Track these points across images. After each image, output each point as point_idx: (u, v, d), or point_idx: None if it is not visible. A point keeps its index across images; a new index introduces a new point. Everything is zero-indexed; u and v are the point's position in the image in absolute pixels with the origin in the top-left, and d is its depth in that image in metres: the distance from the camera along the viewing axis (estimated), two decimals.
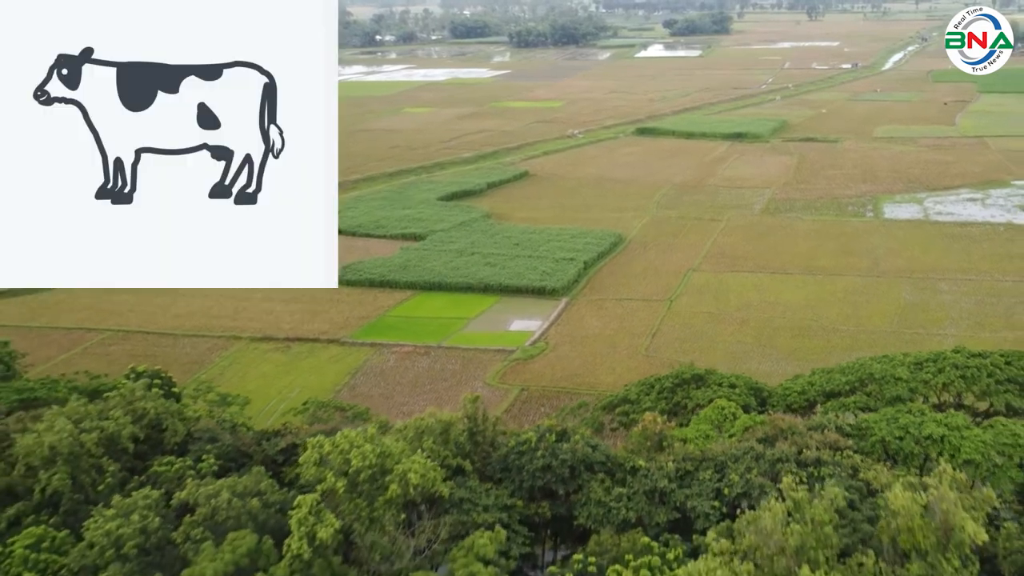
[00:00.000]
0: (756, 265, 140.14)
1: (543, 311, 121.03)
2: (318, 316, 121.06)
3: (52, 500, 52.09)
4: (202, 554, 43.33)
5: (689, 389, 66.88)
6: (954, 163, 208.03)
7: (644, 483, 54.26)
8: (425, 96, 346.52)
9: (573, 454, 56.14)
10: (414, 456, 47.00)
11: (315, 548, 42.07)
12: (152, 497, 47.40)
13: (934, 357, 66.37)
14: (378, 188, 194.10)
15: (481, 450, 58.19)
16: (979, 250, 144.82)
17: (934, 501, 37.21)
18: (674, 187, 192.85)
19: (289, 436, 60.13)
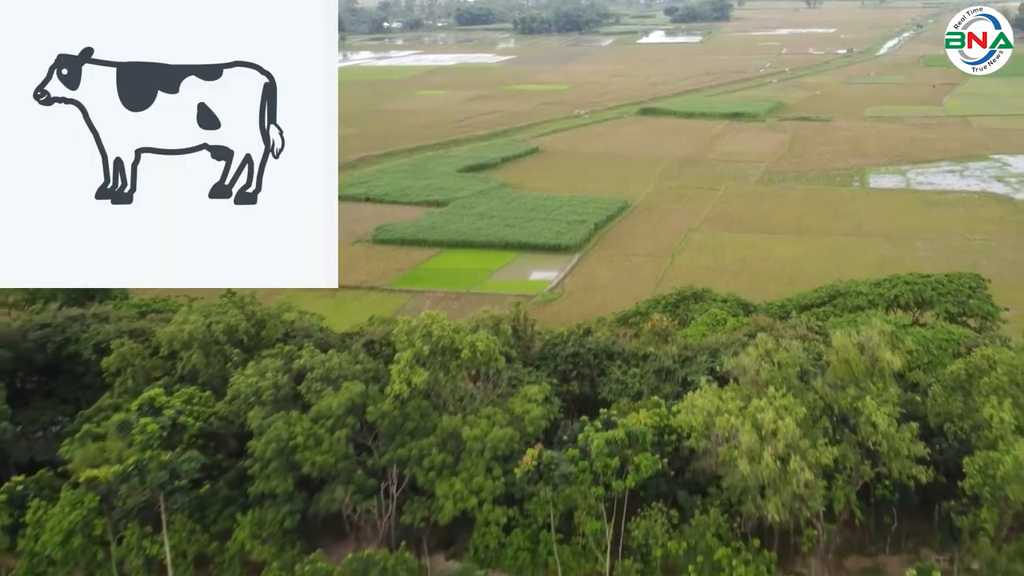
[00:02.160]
0: (750, 227, 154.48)
1: (559, 264, 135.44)
2: (357, 269, 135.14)
3: (191, 375, 66.59)
4: (324, 397, 57.95)
5: (689, 304, 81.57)
6: (938, 140, 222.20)
7: (653, 364, 68.85)
8: (436, 80, 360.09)
9: (596, 344, 70.85)
10: (479, 332, 61.45)
11: (411, 390, 56.56)
12: (278, 364, 61.93)
13: (890, 278, 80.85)
14: (399, 162, 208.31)
15: (523, 343, 72.80)
16: (953, 214, 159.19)
17: (864, 340, 51.79)
18: (675, 161, 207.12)
19: (366, 335, 74.61)
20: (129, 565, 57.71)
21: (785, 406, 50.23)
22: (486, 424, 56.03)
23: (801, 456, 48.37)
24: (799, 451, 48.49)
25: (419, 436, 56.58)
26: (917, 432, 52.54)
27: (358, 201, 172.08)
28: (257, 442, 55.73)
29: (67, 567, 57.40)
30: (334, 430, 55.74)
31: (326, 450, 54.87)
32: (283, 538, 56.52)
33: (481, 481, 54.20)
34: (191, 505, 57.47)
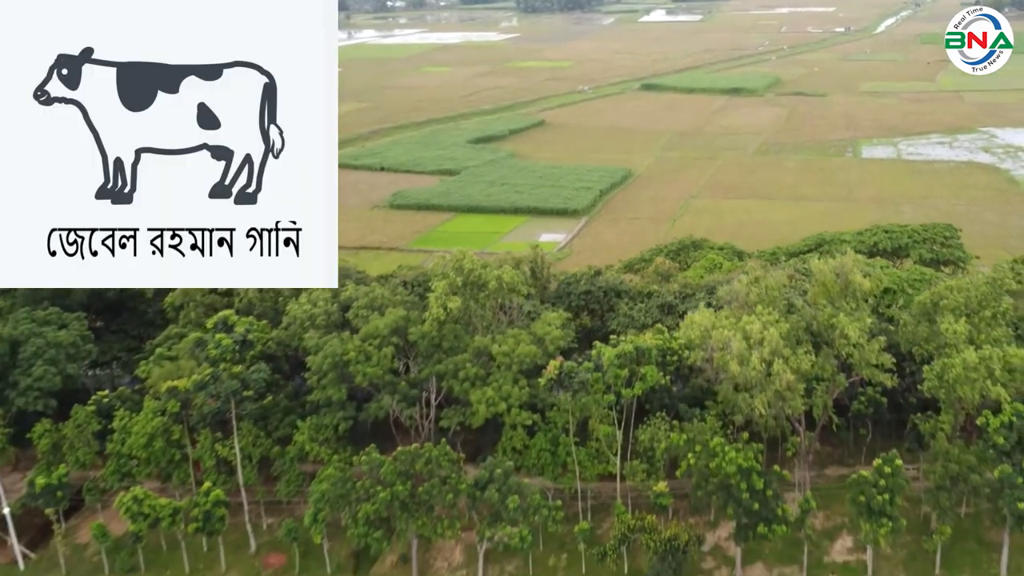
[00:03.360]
0: (747, 193, 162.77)
1: (566, 227, 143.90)
2: (377, 231, 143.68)
3: (247, 308, 75.09)
4: (371, 321, 66.56)
5: (689, 251, 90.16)
6: (929, 113, 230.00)
7: (657, 300, 77.43)
8: (441, 57, 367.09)
9: (606, 283, 79.44)
10: (504, 267, 69.95)
11: (447, 314, 65.13)
12: (327, 295, 70.49)
13: (871, 228, 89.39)
14: (411, 134, 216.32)
15: (540, 283, 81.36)
16: (940, 182, 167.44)
17: (839, 266, 60.35)
18: (676, 134, 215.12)
19: (400, 276, 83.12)
20: (203, 465, 66.52)
21: (771, 321, 58.83)
22: (513, 342, 64.67)
23: (783, 361, 56.99)
24: (782, 357, 57.10)
25: (454, 353, 65.23)
26: (884, 345, 61.09)
27: (374, 171, 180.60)
28: (315, 358, 64.31)
29: (149, 467, 66.33)
30: (381, 347, 64.39)
31: (375, 364, 63.52)
32: (337, 442, 65.26)
33: (509, 389, 62.90)
34: (256, 414, 66.27)
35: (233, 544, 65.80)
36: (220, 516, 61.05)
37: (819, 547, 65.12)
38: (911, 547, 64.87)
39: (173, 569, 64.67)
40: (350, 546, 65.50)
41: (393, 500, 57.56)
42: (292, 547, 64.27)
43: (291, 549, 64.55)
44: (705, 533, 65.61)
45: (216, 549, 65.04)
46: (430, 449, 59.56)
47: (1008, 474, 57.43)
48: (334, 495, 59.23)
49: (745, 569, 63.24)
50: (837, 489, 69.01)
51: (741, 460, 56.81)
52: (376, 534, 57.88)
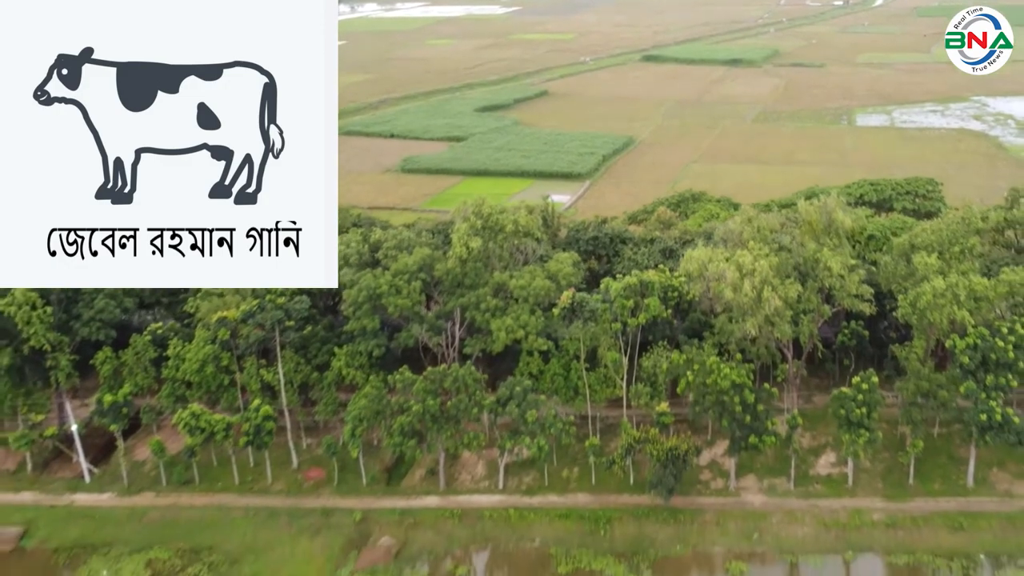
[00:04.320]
0: (745, 159, 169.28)
1: (571, 189, 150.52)
2: (388, 194, 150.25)
3: None
4: (400, 258, 73.42)
5: (688, 203, 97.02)
6: (924, 83, 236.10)
7: (659, 245, 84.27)
8: (445, 30, 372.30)
9: (612, 230, 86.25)
10: (519, 212, 76.74)
11: (469, 253, 71.96)
12: (358, 237, 77.29)
13: (858, 181, 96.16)
14: (418, 104, 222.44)
15: (551, 231, 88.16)
16: (931, 147, 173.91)
17: (823, 205, 67.20)
18: (677, 103, 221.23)
19: (421, 224, 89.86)
20: (249, 389, 73.58)
21: (762, 255, 65.74)
22: (529, 277, 71.62)
23: (772, 289, 63.94)
24: (771, 285, 64.05)
25: (475, 288, 72.16)
26: (863, 278, 68.04)
27: (383, 138, 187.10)
28: (350, 291, 71.20)
29: (200, 390, 73.32)
30: (410, 281, 71.28)
31: (405, 296, 70.45)
32: (370, 368, 72.30)
33: (527, 318, 69.91)
34: (297, 343, 73.27)
35: (277, 460, 72.98)
36: (268, 430, 68.16)
37: (805, 462, 72.32)
38: (888, 462, 72.10)
39: (224, 481, 71.90)
40: (383, 462, 72.85)
41: (425, 413, 64.74)
42: (331, 462, 71.49)
43: (330, 464, 71.76)
44: (703, 449, 72.80)
45: (262, 464, 72.27)
46: (456, 369, 66.66)
47: (972, 390, 64.50)
48: (371, 411, 66.33)
49: (738, 480, 70.45)
50: (822, 414, 76.12)
51: (735, 376, 63.85)
52: (410, 443, 65.13)
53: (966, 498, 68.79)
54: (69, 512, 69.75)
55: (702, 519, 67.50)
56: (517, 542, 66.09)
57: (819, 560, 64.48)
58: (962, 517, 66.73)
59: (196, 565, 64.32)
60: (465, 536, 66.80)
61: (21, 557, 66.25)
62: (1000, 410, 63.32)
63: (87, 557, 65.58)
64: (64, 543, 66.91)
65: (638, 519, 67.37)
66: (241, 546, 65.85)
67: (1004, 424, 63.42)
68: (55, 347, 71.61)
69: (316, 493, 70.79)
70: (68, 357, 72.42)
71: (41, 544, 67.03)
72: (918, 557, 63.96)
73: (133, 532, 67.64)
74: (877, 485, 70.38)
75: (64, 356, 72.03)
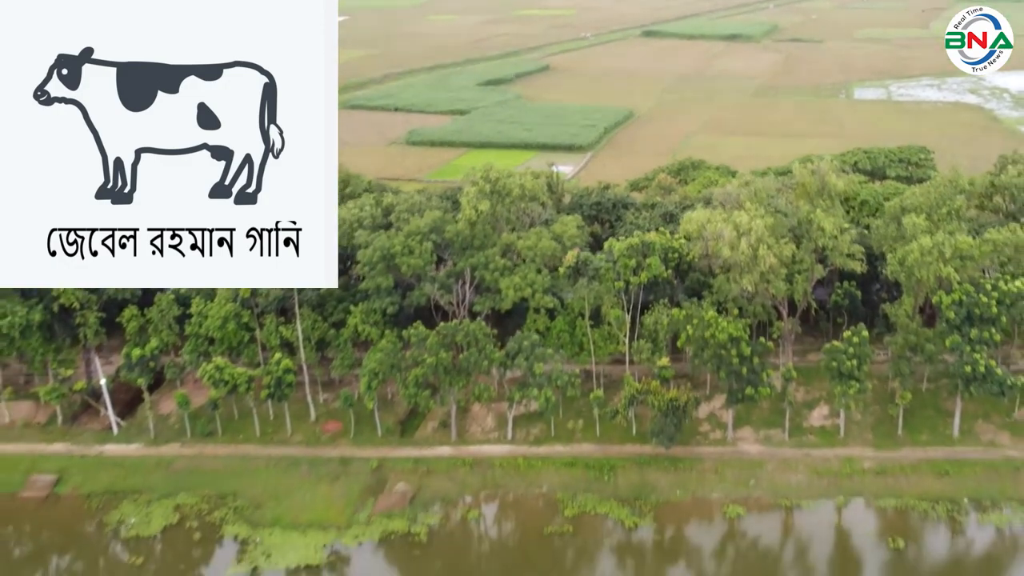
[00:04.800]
0: (744, 131, 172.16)
1: (574, 160, 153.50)
2: (395, 164, 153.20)
3: None
4: (412, 221, 76.69)
5: (688, 171, 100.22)
6: (921, 58, 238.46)
7: (659, 210, 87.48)
8: (446, 5, 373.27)
9: (615, 196, 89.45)
10: (525, 177, 79.91)
11: (478, 215, 75.24)
12: (371, 201, 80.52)
13: (852, 150, 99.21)
14: (422, 78, 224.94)
15: (555, 196, 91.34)
16: (927, 120, 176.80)
17: (816, 168, 70.47)
18: (677, 77, 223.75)
19: (430, 191, 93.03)
20: (268, 345, 77.02)
21: (758, 215, 69.07)
22: (535, 238, 74.96)
23: (768, 247, 67.31)
24: (766, 244, 67.40)
25: (484, 249, 75.47)
26: (855, 238, 71.39)
27: (388, 111, 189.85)
28: (365, 251, 74.48)
29: (222, 346, 76.73)
30: (422, 242, 74.56)
31: (417, 256, 73.76)
32: (385, 325, 75.72)
33: (534, 277, 73.30)
34: (314, 301, 76.61)
35: (295, 414, 76.57)
36: (288, 383, 71.70)
37: (799, 414, 75.95)
38: (878, 415, 75.76)
39: (245, 433, 75.54)
40: (397, 415, 76.47)
41: (438, 366, 68.24)
42: (347, 414, 75.10)
43: (346, 416, 75.37)
44: (701, 403, 76.38)
45: (282, 417, 75.87)
46: (468, 324, 70.12)
47: (957, 343, 68.04)
48: (387, 364, 69.84)
49: (735, 431, 74.08)
50: (816, 370, 79.63)
51: (732, 330, 67.32)
52: (424, 394, 68.69)
53: (952, 447, 72.51)
54: (99, 461, 73.39)
55: (701, 467, 71.19)
56: (526, 488, 69.77)
57: (812, 504, 68.22)
58: (947, 464, 70.46)
59: (222, 509, 67.96)
60: (476, 483, 70.48)
61: (56, 502, 69.93)
62: (984, 362, 66.86)
63: (118, 502, 69.22)
64: (96, 489, 70.55)
65: (640, 467, 71.05)
66: (264, 492, 69.51)
67: (987, 375, 66.99)
68: (84, 305, 75.10)
69: (334, 444, 74.42)
70: (96, 315, 75.83)
71: (74, 490, 70.70)
72: (905, 501, 67.64)
73: (161, 479, 71.30)
74: (867, 436, 74.05)
75: (92, 314, 75.53)
